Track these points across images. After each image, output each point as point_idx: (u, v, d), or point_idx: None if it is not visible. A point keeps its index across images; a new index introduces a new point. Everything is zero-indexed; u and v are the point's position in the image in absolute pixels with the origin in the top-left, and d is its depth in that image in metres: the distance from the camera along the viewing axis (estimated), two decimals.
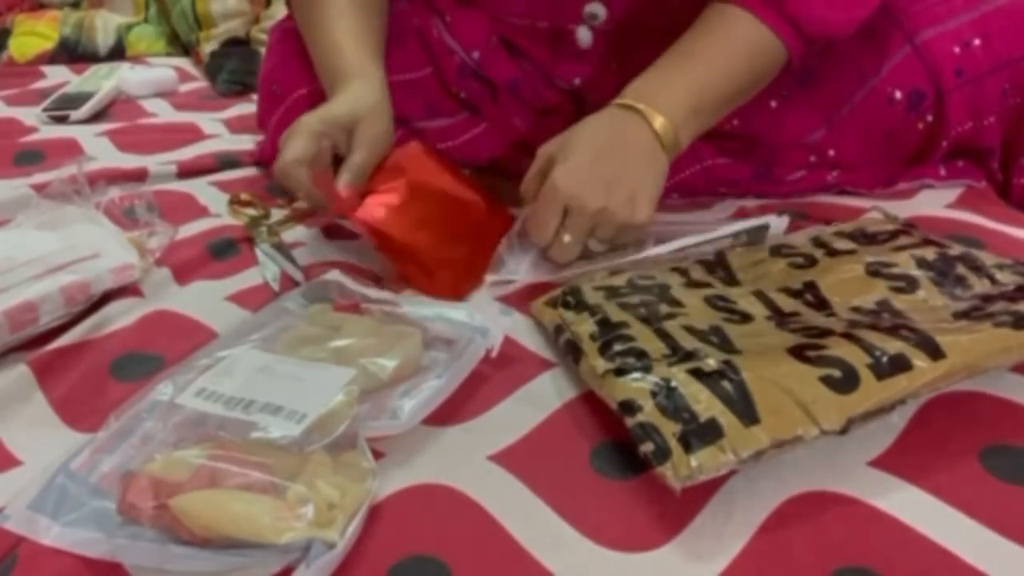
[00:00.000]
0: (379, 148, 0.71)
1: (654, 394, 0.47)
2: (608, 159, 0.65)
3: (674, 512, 0.44)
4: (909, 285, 0.58)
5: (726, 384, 0.47)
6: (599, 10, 0.79)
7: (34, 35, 1.40)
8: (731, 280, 0.63)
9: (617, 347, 0.53)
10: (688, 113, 0.68)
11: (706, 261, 0.66)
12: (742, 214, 0.80)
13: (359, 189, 0.69)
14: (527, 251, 0.70)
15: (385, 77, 0.75)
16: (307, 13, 0.80)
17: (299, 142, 0.66)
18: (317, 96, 0.83)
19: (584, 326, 0.56)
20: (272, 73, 0.87)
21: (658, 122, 0.66)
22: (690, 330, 0.54)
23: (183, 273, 0.69)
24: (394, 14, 0.85)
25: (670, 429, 0.45)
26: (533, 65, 0.86)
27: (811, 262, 0.64)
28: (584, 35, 0.81)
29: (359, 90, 0.72)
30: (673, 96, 0.67)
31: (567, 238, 0.66)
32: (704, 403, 0.46)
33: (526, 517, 0.44)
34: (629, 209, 0.64)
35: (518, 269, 0.68)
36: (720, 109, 0.71)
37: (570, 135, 0.68)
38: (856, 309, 0.56)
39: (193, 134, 1.03)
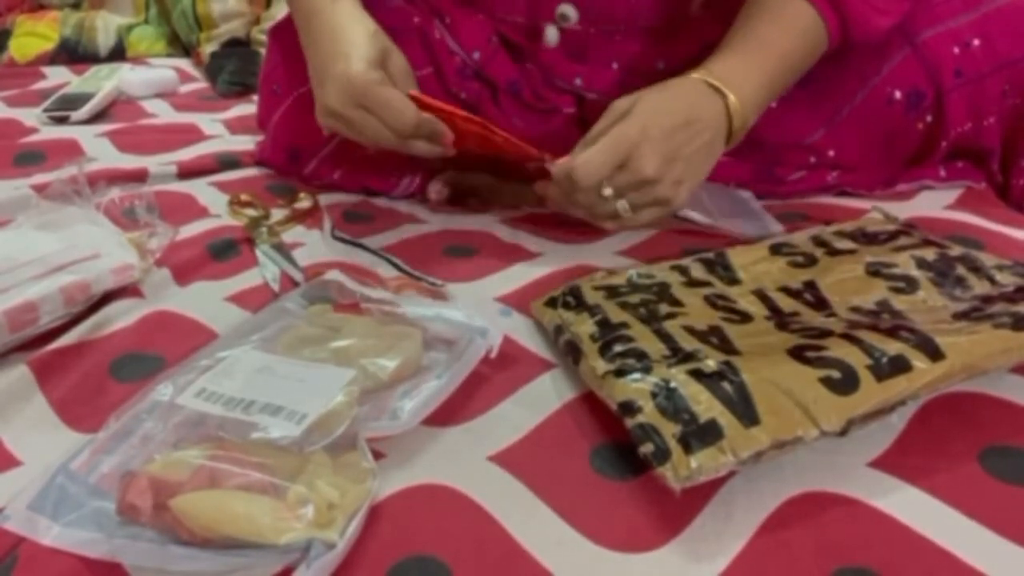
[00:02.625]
0: (412, 78, 0.73)
1: (654, 395, 0.47)
2: (681, 135, 0.66)
3: (674, 513, 0.44)
4: (909, 285, 0.58)
5: (726, 385, 0.47)
6: (570, 11, 0.80)
7: (34, 36, 1.40)
8: (731, 279, 0.63)
9: (617, 348, 0.53)
10: (759, 105, 0.70)
11: (706, 259, 0.66)
12: None
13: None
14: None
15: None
16: None
17: (370, 67, 0.68)
18: None
19: (584, 326, 0.56)
20: (273, 73, 0.87)
21: (733, 104, 0.67)
22: (690, 330, 0.54)
23: (183, 273, 0.69)
24: (394, 13, 0.85)
25: (670, 430, 0.45)
26: (534, 66, 0.86)
27: (811, 261, 0.64)
28: (551, 34, 0.81)
29: (354, 22, 0.71)
30: (751, 84, 0.68)
31: (607, 191, 0.66)
32: (704, 404, 0.46)
33: (526, 517, 0.44)
34: (673, 191, 0.66)
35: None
36: (774, 100, 0.73)
37: (648, 97, 0.67)
38: (856, 309, 0.56)
39: (193, 135, 1.03)
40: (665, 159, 0.65)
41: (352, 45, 0.70)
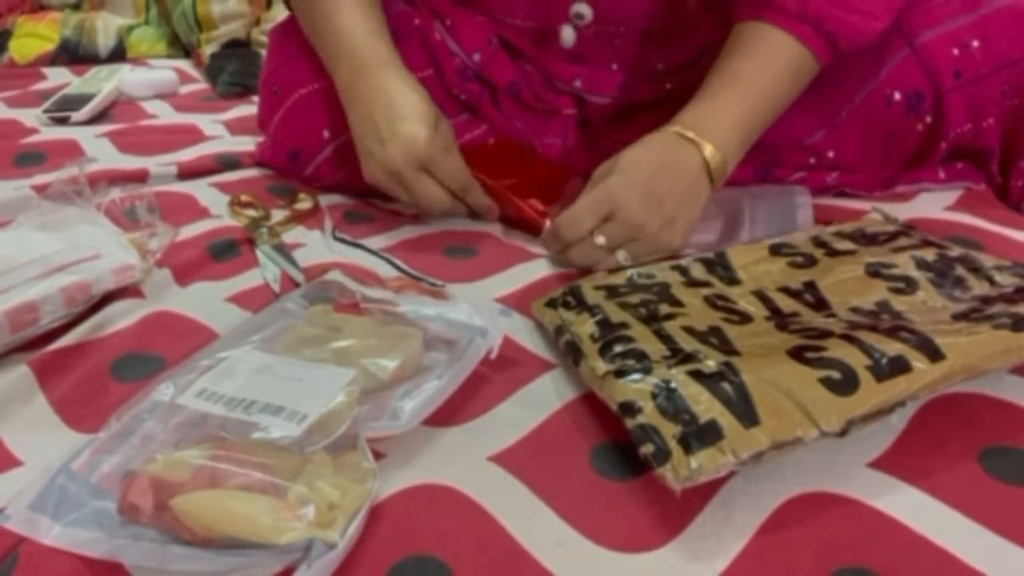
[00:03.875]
0: (454, 142, 0.75)
1: (654, 396, 0.47)
2: (660, 180, 0.67)
3: (674, 513, 0.44)
4: (908, 286, 0.58)
5: (726, 386, 0.47)
6: (585, 10, 0.80)
7: (35, 36, 1.40)
8: (731, 279, 0.63)
9: (617, 348, 0.53)
10: (738, 144, 0.70)
11: (706, 259, 0.66)
12: None
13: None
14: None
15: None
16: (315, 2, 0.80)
17: (428, 129, 0.71)
18: (318, 97, 0.83)
19: (584, 326, 0.56)
20: (273, 74, 0.87)
21: (708, 152, 0.68)
22: (690, 331, 0.55)
23: (184, 274, 0.69)
24: (395, 15, 0.85)
25: (670, 430, 0.45)
26: (533, 67, 0.86)
27: (811, 262, 0.64)
28: (568, 35, 0.81)
29: (410, 88, 0.73)
30: (724, 127, 0.69)
31: (600, 240, 0.67)
32: (704, 405, 0.46)
33: (526, 517, 0.44)
34: (669, 233, 0.67)
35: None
36: (762, 131, 0.73)
37: (625, 154, 0.69)
38: (855, 310, 0.56)
39: (194, 135, 1.03)
40: (649, 202, 0.66)
41: (414, 109, 0.72)
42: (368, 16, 0.78)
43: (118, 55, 1.42)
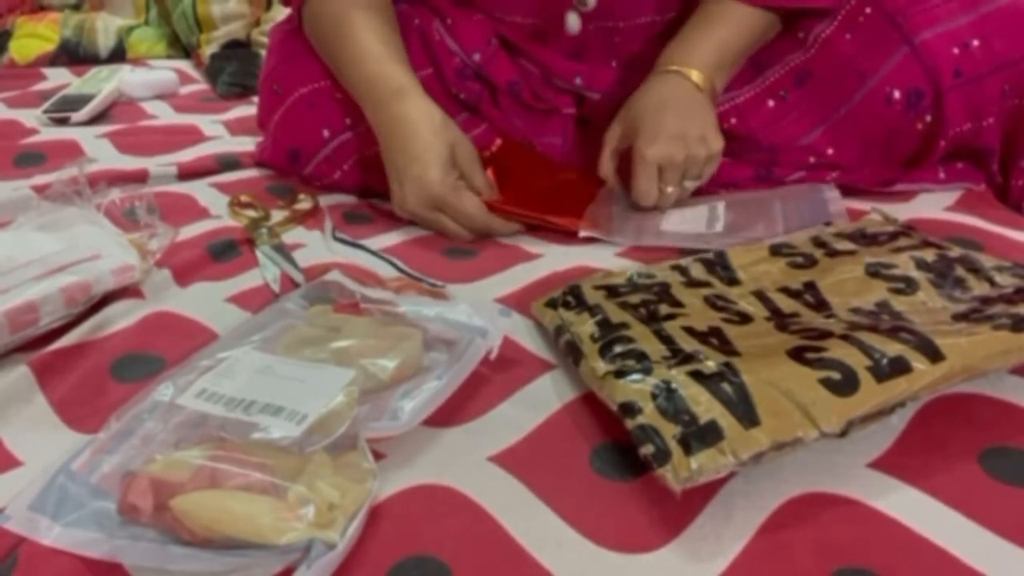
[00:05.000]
0: (477, 163, 0.78)
1: (654, 396, 0.47)
2: (672, 115, 0.76)
3: (674, 514, 0.44)
4: (908, 287, 0.58)
5: (726, 386, 0.47)
6: None
7: (35, 37, 1.40)
8: (731, 279, 0.63)
9: (617, 349, 0.53)
10: (715, 68, 0.79)
11: (706, 259, 0.66)
12: None
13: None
14: (627, 218, 0.79)
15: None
16: (330, 25, 0.81)
17: (445, 173, 0.74)
18: (317, 96, 0.83)
19: (584, 327, 0.56)
20: (273, 73, 0.87)
21: (695, 76, 0.78)
22: (690, 331, 0.55)
23: (184, 274, 0.69)
24: (395, 15, 0.85)
25: (670, 431, 0.45)
26: (533, 65, 0.86)
27: (811, 262, 0.64)
28: (573, 22, 0.82)
29: (423, 119, 0.75)
30: (701, 57, 0.79)
31: (669, 189, 0.78)
32: (704, 405, 0.46)
33: (526, 518, 0.44)
34: (705, 146, 0.76)
35: (624, 232, 0.77)
36: (740, 59, 0.83)
37: (630, 110, 0.78)
38: (855, 310, 0.56)
39: (194, 136, 1.04)
40: (679, 138, 0.75)
41: (425, 148, 0.73)
42: (383, 38, 0.79)
43: (118, 55, 1.42)
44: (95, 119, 1.10)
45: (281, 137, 0.87)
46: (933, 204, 0.79)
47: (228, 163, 0.94)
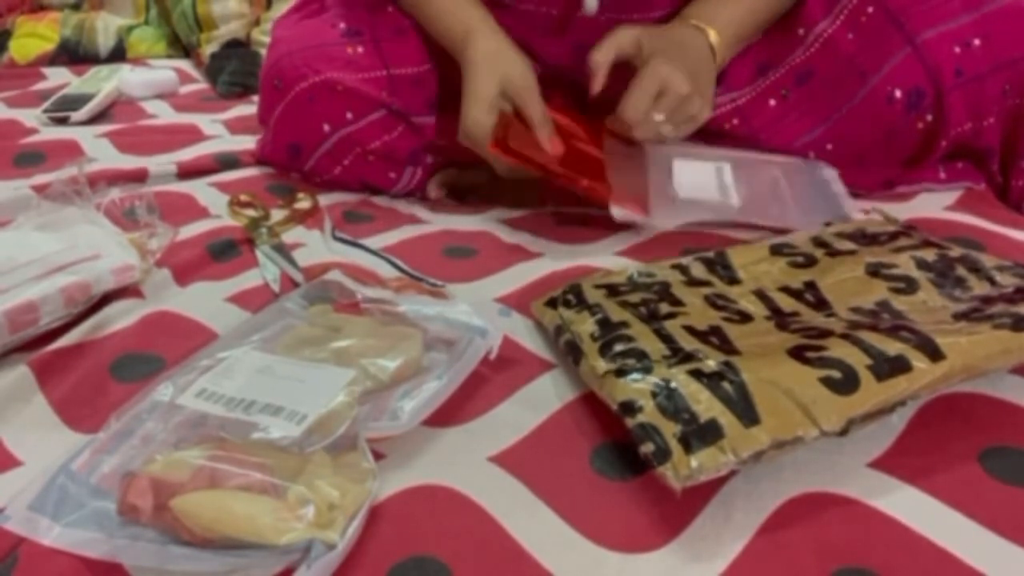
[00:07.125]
0: (533, 87, 0.79)
1: (654, 395, 0.47)
2: (687, 57, 0.77)
3: (674, 513, 0.44)
4: (909, 286, 0.58)
5: (726, 385, 0.47)
6: None
7: (35, 36, 1.40)
8: (731, 278, 0.63)
9: (617, 348, 0.53)
10: (732, 34, 0.82)
11: (706, 258, 0.66)
12: None
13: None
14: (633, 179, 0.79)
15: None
16: None
17: (483, 114, 0.77)
18: (318, 90, 0.83)
19: (584, 325, 0.56)
20: (274, 67, 0.87)
21: (712, 36, 0.80)
22: (690, 330, 0.55)
23: (183, 274, 0.69)
24: (395, 13, 0.85)
25: (670, 430, 0.45)
26: (537, 63, 0.86)
27: (811, 262, 0.64)
28: (591, 2, 0.83)
29: (499, 47, 0.79)
30: (722, 19, 0.81)
31: (659, 116, 0.77)
32: (704, 404, 0.46)
33: (526, 518, 0.44)
34: (700, 103, 0.77)
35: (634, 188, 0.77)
36: (748, 40, 0.85)
37: (650, 37, 0.78)
38: (856, 310, 0.56)
39: (193, 135, 1.03)
40: (686, 76, 0.75)
41: (471, 89, 0.78)
42: None
43: (118, 55, 1.41)
44: (95, 119, 1.10)
45: (281, 132, 0.87)
46: (933, 204, 0.79)
47: (228, 162, 0.94)
